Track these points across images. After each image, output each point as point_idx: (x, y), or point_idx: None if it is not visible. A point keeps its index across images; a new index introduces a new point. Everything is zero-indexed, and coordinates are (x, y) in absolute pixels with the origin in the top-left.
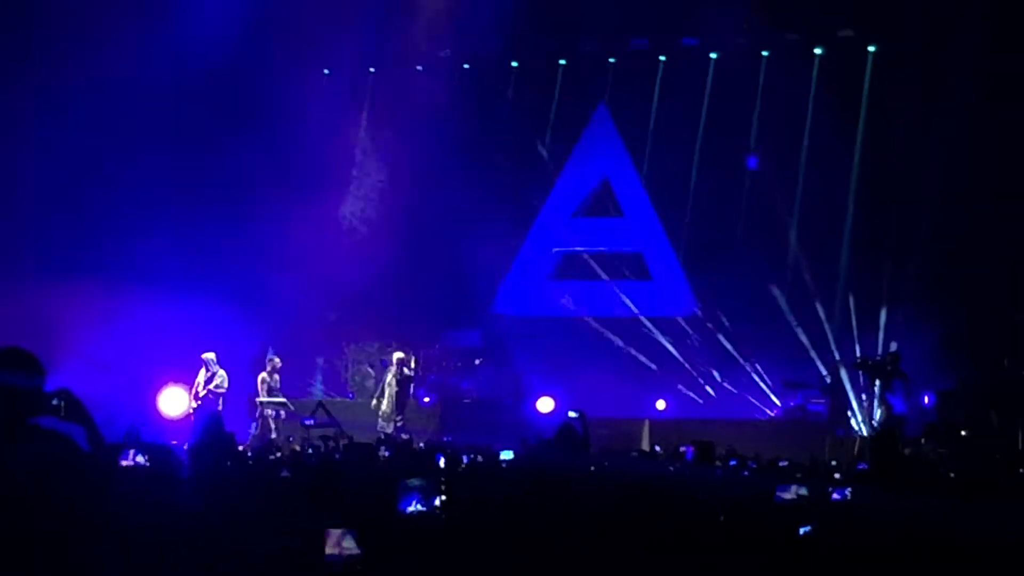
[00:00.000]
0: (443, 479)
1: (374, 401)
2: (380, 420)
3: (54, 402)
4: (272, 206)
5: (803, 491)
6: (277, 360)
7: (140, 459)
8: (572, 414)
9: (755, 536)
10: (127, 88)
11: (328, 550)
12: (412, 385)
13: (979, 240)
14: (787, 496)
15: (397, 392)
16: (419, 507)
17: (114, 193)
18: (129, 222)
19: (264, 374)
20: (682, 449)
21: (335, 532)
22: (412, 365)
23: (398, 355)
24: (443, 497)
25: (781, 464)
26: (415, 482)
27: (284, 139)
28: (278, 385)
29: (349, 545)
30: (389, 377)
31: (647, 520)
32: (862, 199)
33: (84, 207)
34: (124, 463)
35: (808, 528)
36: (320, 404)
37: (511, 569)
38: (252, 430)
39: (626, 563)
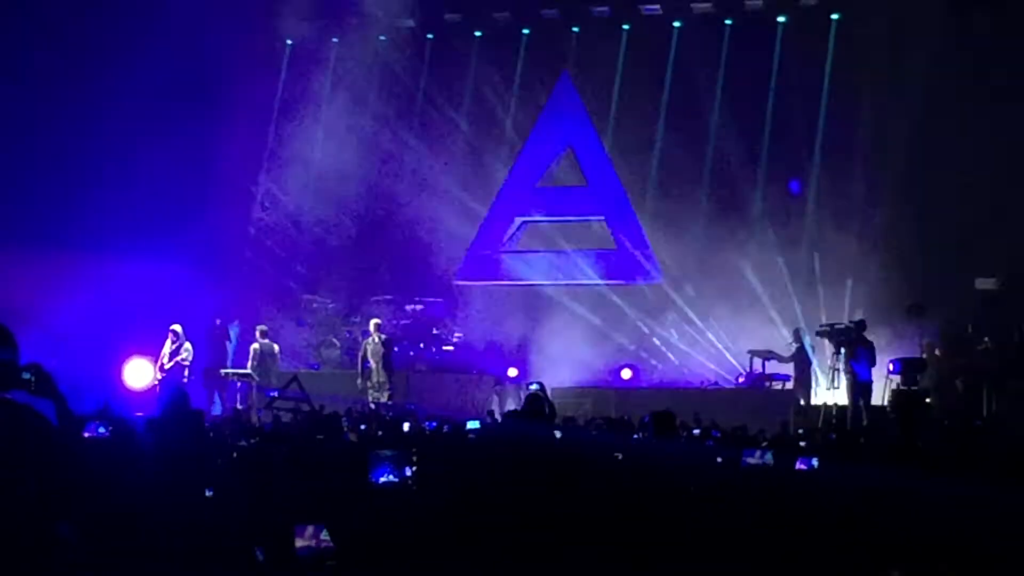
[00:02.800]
0: (414, 449)
1: (359, 380)
2: (371, 392)
3: (24, 376)
4: (236, 176)
5: (768, 457)
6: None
7: (101, 430)
8: (533, 387)
9: (720, 505)
10: (80, 54)
11: (301, 543)
12: (395, 349)
13: (942, 207)
14: (753, 460)
15: (383, 358)
16: (391, 477)
17: (75, 162)
18: (92, 191)
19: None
20: (646, 420)
21: (308, 527)
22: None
23: (376, 321)
24: (414, 468)
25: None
26: (386, 452)
27: (247, 110)
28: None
29: (324, 538)
30: (372, 346)
31: (613, 491)
32: (826, 166)
33: (43, 176)
34: (87, 435)
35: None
36: (294, 378)
37: (485, 542)
38: (217, 403)
39: (594, 535)
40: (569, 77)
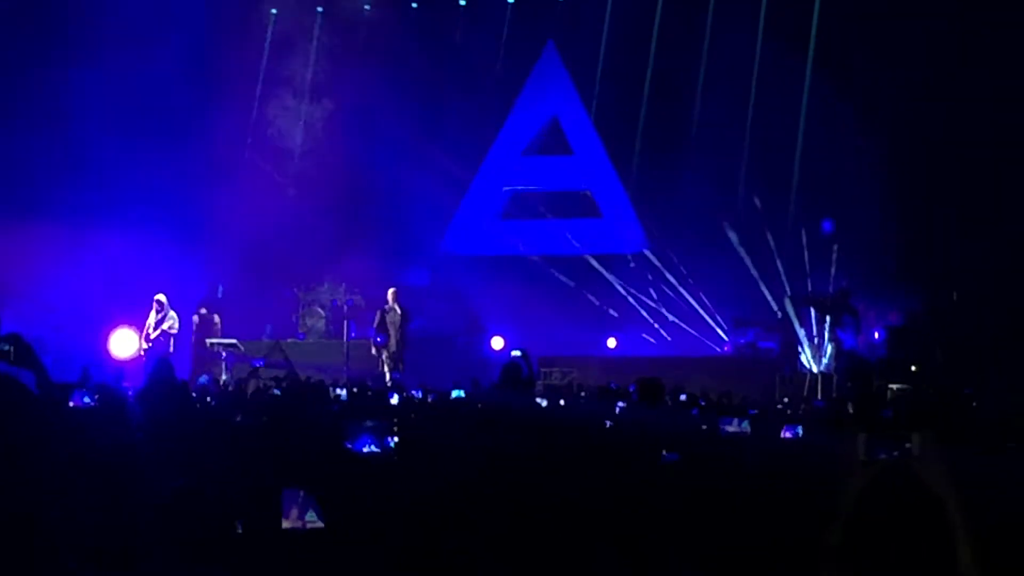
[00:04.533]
0: (396, 420)
1: (373, 350)
2: (388, 363)
3: (3, 347)
4: (220, 145)
5: (745, 425)
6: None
7: (87, 400)
8: (516, 353)
9: (702, 473)
10: (71, 33)
11: (288, 523)
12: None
13: (930, 172)
14: (730, 429)
15: (400, 330)
16: (373, 448)
17: (56, 133)
18: (75, 161)
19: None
20: (631, 388)
21: (295, 501)
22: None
23: (393, 290)
24: (396, 438)
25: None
26: (368, 423)
27: (231, 78)
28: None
29: (311, 518)
30: (391, 316)
31: (597, 461)
32: (812, 132)
33: (26, 145)
34: (73, 404)
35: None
36: (276, 345)
37: (466, 512)
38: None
39: (575, 506)
40: (554, 46)
